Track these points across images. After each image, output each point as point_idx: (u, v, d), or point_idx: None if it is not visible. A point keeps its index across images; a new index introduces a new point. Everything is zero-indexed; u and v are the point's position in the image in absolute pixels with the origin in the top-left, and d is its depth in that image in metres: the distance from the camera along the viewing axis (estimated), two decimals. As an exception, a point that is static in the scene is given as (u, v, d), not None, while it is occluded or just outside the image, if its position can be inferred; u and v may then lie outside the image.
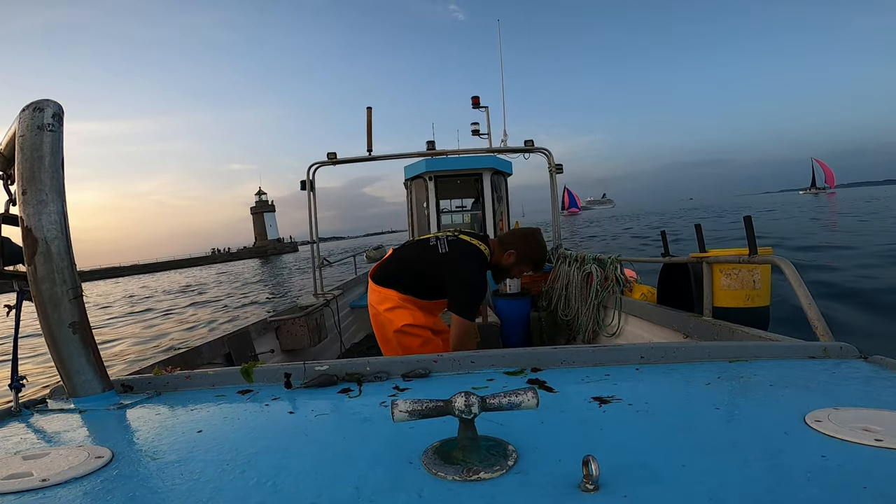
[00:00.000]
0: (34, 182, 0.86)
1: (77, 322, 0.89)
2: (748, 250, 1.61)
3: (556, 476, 0.53)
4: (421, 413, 0.57)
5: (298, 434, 0.72)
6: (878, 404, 0.70)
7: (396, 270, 1.89)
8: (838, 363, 0.92)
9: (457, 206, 5.79)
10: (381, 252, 5.12)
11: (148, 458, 0.65)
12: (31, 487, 0.57)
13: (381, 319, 1.87)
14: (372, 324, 1.96)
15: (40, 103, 0.88)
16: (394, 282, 1.86)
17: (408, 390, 0.90)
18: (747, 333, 1.58)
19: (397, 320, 1.82)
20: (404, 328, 1.81)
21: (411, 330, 1.81)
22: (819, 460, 0.54)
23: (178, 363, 1.94)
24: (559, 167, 4.15)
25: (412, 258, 1.91)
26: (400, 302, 1.83)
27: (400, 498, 0.51)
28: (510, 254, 1.85)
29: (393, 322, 1.82)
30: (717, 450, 0.58)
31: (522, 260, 1.86)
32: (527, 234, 1.90)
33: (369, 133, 4.08)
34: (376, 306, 1.89)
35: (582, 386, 0.86)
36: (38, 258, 0.86)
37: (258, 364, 1.03)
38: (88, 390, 0.90)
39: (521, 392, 0.58)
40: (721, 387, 0.83)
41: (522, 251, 1.85)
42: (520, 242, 1.86)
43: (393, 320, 1.82)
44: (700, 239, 2.06)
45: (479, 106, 5.24)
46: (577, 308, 3.06)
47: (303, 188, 4.04)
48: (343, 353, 3.85)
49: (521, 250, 1.85)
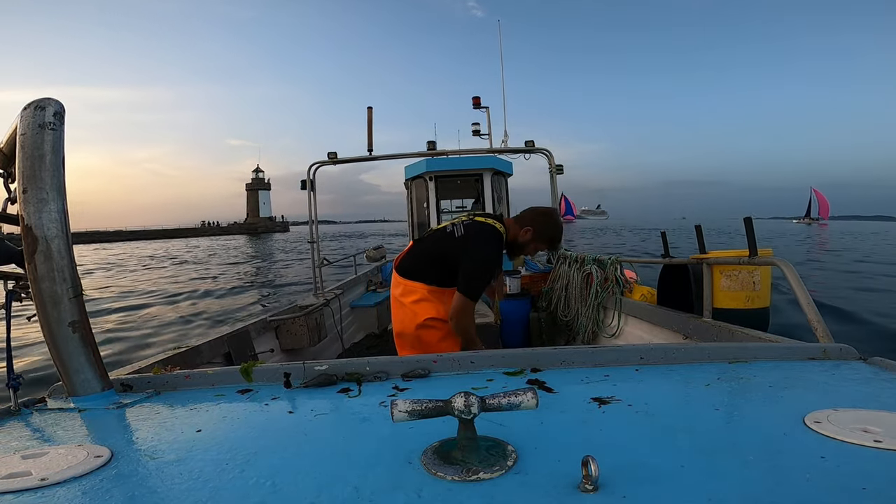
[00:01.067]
0: (35, 180, 0.86)
1: (77, 321, 0.89)
2: (748, 252, 1.61)
3: (556, 476, 0.53)
4: (420, 413, 0.57)
5: (298, 434, 0.72)
6: (877, 405, 0.70)
7: (419, 262, 1.91)
8: (838, 364, 0.92)
9: (457, 207, 5.79)
10: (380, 251, 5.11)
11: (147, 457, 0.65)
12: (30, 486, 0.57)
13: (406, 312, 1.87)
14: (393, 317, 1.97)
15: (41, 102, 0.88)
16: (419, 274, 1.87)
17: (407, 390, 0.90)
18: (747, 335, 1.58)
19: (422, 313, 1.83)
20: (427, 322, 1.82)
21: (433, 323, 1.83)
22: (818, 461, 0.54)
23: (178, 362, 1.94)
24: (559, 168, 4.15)
25: (431, 247, 1.92)
26: (426, 294, 1.84)
27: (399, 498, 0.51)
28: (527, 230, 1.86)
29: (418, 315, 1.83)
30: (717, 450, 0.58)
31: (539, 237, 1.87)
32: (545, 212, 1.91)
33: (370, 133, 4.08)
34: (401, 299, 1.90)
35: (581, 386, 0.86)
36: (38, 257, 0.86)
37: (258, 364, 1.03)
38: (88, 389, 0.90)
39: (521, 392, 0.58)
40: (721, 388, 0.83)
41: (539, 228, 1.86)
42: (537, 220, 1.88)
43: (418, 313, 1.83)
44: (700, 240, 2.06)
45: (479, 106, 5.24)
46: (577, 309, 3.06)
47: (303, 188, 4.03)
48: (343, 352, 3.85)
49: (538, 227, 1.86)
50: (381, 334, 4.34)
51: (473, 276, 1.74)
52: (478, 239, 1.79)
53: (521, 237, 1.87)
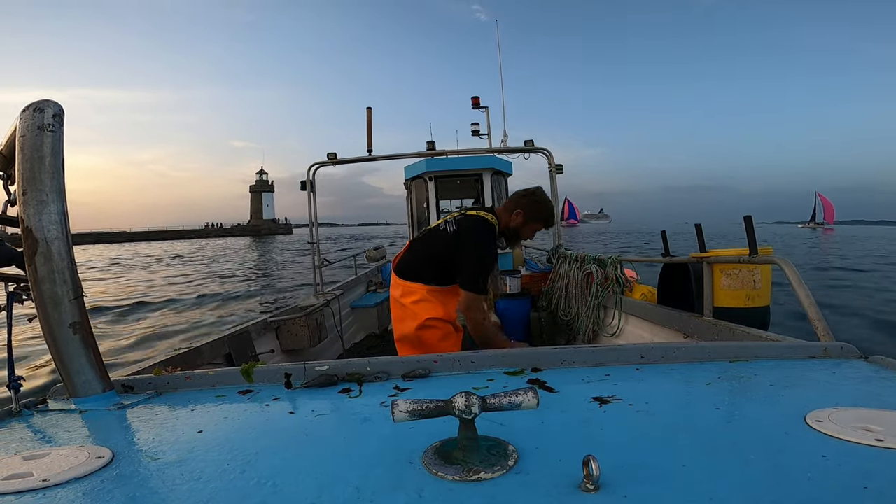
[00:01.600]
0: (34, 182, 0.86)
1: (77, 322, 0.89)
2: (748, 250, 1.61)
3: (557, 476, 0.53)
4: (421, 413, 0.57)
5: (299, 434, 0.72)
6: (878, 404, 0.70)
7: (416, 262, 1.91)
8: (839, 363, 0.92)
9: (457, 207, 5.78)
10: (380, 252, 5.11)
11: (148, 458, 0.65)
12: (32, 488, 0.57)
13: (407, 312, 1.87)
14: (393, 318, 1.97)
15: (41, 104, 0.88)
16: (417, 274, 1.87)
17: (408, 390, 0.90)
18: (747, 333, 1.58)
19: (423, 313, 1.83)
20: (427, 322, 1.82)
21: (434, 323, 1.83)
22: (819, 460, 0.54)
23: (179, 363, 1.94)
24: (559, 167, 4.15)
25: (427, 246, 1.92)
26: (426, 295, 1.84)
27: (400, 498, 0.51)
28: (517, 213, 1.85)
29: (419, 315, 1.83)
30: (718, 450, 0.58)
31: (531, 218, 1.86)
32: (529, 192, 1.90)
33: (369, 133, 4.08)
34: (401, 300, 1.90)
35: (582, 386, 0.86)
36: (39, 258, 0.86)
37: (258, 364, 1.03)
38: (89, 390, 0.90)
39: (522, 392, 0.58)
40: (721, 387, 0.83)
41: (529, 209, 1.86)
42: (522, 201, 1.87)
43: (419, 313, 1.83)
44: (700, 239, 2.05)
45: (479, 106, 5.24)
46: (578, 308, 3.06)
47: (303, 188, 4.03)
48: (343, 353, 3.85)
49: (527, 208, 1.85)
50: (381, 334, 4.34)
51: (471, 270, 1.73)
52: (469, 233, 1.79)
53: (514, 222, 1.86)
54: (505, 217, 1.88)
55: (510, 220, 1.87)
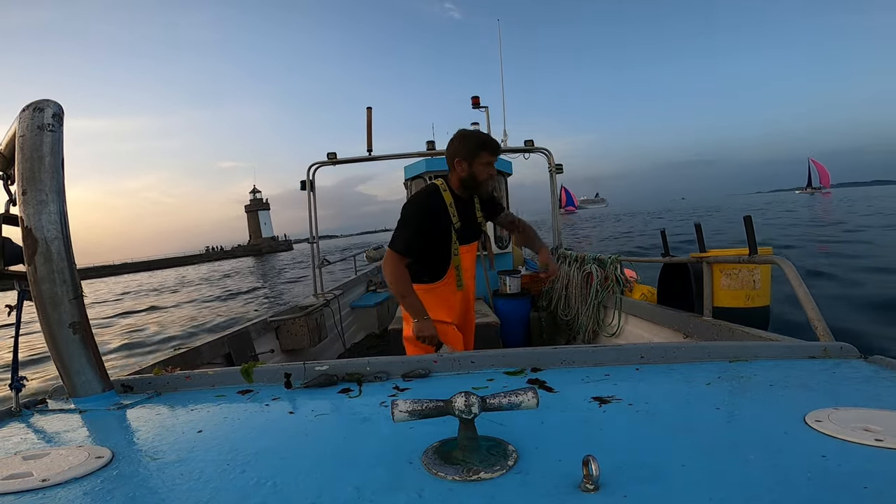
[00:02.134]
0: (34, 182, 0.86)
1: (77, 322, 0.89)
2: (748, 250, 1.61)
3: (557, 476, 0.53)
4: (421, 413, 0.57)
5: (298, 434, 0.72)
6: (878, 404, 0.70)
7: None
8: (838, 363, 0.92)
9: None
10: (380, 252, 5.11)
11: (148, 458, 0.65)
12: (32, 487, 0.57)
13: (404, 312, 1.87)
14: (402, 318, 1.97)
15: (40, 103, 0.88)
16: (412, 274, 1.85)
17: (408, 390, 0.90)
18: (747, 333, 1.58)
19: None
20: None
21: None
22: (819, 460, 0.54)
23: (179, 363, 1.94)
24: (559, 167, 4.15)
25: None
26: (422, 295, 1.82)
27: (400, 498, 0.51)
28: (457, 162, 1.79)
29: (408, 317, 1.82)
30: (717, 450, 0.58)
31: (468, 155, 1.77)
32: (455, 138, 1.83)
33: (369, 133, 4.08)
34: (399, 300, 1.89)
35: (582, 386, 0.86)
36: (38, 258, 0.86)
37: (258, 364, 1.03)
38: (88, 390, 0.90)
39: (521, 392, 0.58)
40: (721, 387, 0.83)
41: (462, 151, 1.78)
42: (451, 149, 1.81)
43: None
44: (700, 239, 2.06)
45: (479, 106, 5.23)
46: (577, 308, 3.06)
47: (303, 188, 4.04)
48: (343, 353, 3.85)
49: (459, 152, 1.78)
50: (381, 334, 4.34)
51: (397, 233, 1.72)
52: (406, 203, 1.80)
53: (460, 171, 1.79)
54: (453, 176, 1.83)
55: (459, 173, 1.80)
